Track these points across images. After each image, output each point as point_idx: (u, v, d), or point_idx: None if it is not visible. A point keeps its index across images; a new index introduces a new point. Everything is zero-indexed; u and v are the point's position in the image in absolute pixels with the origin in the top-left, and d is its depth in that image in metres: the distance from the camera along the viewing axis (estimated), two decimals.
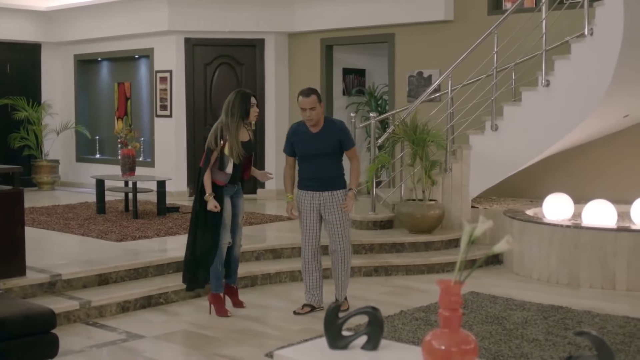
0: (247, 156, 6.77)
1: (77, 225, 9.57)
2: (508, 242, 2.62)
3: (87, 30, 14.03)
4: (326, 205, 6.53)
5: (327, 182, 6.53)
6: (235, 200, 6.79)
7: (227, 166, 6.61)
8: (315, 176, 6.53)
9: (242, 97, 6.62)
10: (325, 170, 6.52)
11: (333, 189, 6.53)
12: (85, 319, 6.47)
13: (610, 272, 7.60)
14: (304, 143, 6.54)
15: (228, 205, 6.67)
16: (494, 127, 9.07)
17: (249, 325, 6.39)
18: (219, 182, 6.63)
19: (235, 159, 6.56)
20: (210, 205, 6.53)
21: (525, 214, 8.63)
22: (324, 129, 6.52)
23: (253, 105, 6.64)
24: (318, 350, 3.02)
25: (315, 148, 6.49)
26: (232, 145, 6.52)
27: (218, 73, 13.00)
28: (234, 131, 6.53)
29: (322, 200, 6.54)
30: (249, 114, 6.62)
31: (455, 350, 2.56)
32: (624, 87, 8.25)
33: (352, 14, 11.92)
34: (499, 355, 5.43)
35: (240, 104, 6.57)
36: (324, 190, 6.52)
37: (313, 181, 6.54)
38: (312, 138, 6.50)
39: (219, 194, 6.61)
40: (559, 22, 9.01)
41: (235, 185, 6.75)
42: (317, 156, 6.50)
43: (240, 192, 6.87)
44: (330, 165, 6.53)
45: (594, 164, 9.93)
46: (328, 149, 6.49)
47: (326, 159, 6.51)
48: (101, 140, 14.83)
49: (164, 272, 7.53)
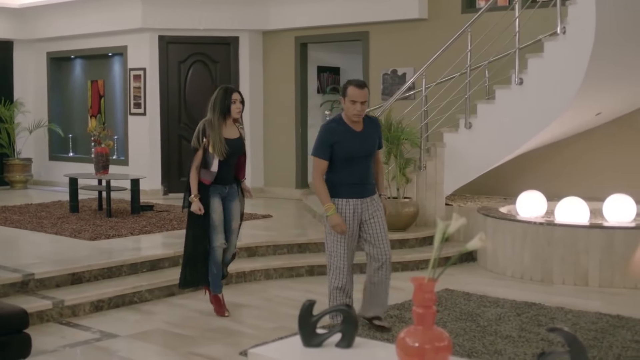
0: (239, 154, 6.58)
1: (50, 224, 9.50)
2: (481, 240, 2.63)
3: (60, 28, 13.92)
4: (369, 211, 5.81)
5: (369, 187, 5.85)
6: (227, 203, 6.55)
7: (212, 164, 6.40)
8: (361, 181, 5.78)
9: (224, 93, 6.47)
10: (369, 173, 5.84)
11: (372, 194, 5.87)
12: (58, 318, 6.42)
13: (583, 268, 7.66)
14: (349, 143, 5.71)
15: (217, 206, 6.46)
16: (468, 125, 9.11)
17: (223, 323, 6.38)
18: (205, 180, 6.44)
19: (218, 155, 6.34)
20: (194, 207, 6.36)
21: (498, 212, 8.67)
22: (365, 127, 5.79)
23: (235, 102, 6.45)
24: (292, 348, 3.02)
25: (361, 149, 5.74)
26: (214, 142, 6.33)
27: (192, 71, 12.96)
28: (217, 127, 6.35)
29: (364, 207, 5.80)
30: (230, 110, 6.44)
31: (429, 348, 2.57)
32: (596, 85, 8.31)
33: (327, 12, 11.92)
34: (473, 352, 5.46)
35: (221, 100, 6.43)
36: (365, 197, 5.80)
37: (358, 187, 5.78)
38: (357, 137, 5.74)
39: (205, 194, 6.42)
40: (532, 21, 9.06)
41: (226, 186, 6.51)
42: (362, 158, 5.76)
43: (235, 195, 6.60)
44: (370, 168, 5.86)
45: (567, 162, 10.00)
46: (372, 149, 5.83)
47: (369, 161, 5.83)
48: (74, 139, 14.73)
49: (138, 271, 7.50)
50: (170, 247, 8.09)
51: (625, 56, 8.25)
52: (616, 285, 7.50)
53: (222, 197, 6.51)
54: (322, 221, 6.32)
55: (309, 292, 7.11)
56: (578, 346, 2.54)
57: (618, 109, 9.37)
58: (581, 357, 2.54)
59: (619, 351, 5.48)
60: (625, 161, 9.63)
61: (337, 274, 5.89)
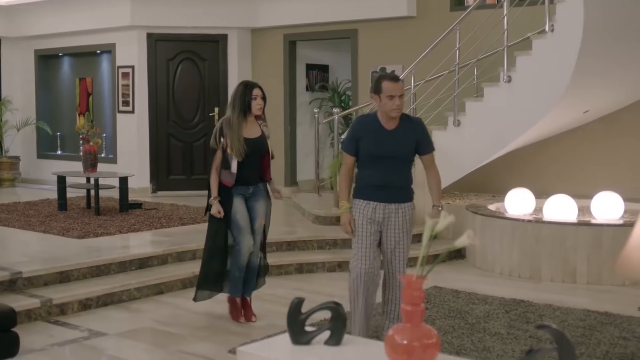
0: (263, 153, 6.23)
1: (39, 223, 9.46)
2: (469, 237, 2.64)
3: (48, 25, 13.86)
4: (390, 220, 5.30)
5: (396, 192, 5.30)
6: (251, 202, 6.22)
7: (232, 165, 6.06)
8: (386, 183, 5.25)
9: (244, 88, 6.09)
10: (397, 177, 5.30)
11: (400, 201, 5.31)
12: (46, 317, 6.40)
13: (571, 266, 7.69)
14: (376, 141, 5.24)
15: (239, 205, 6.12)
16: (457, 123, 9.12)
17: (212, 321, 6.37)
18: (226, 182, 6.11)
19: (236, 155, 6.00)
20: (213, 209, 6.10)
21: (487, 209, 8.69)
22: (400, 126, 5.25)
23: (256, 97, 6.06)
24: (281, 346, 3.02)
25: (389, 149, 5.22)
26: (232, 142, 5.98)
27: (181, 68, 12.93)
28: (235, 126, 5.99)
29: (387, 213, 5.29)
30: (251, 107, 6.06)
31: (417, 345, 2.58)
32: (584, 83, 8.33)
33: (315, 10, 11.92)
34: (462, 349, 5.47)
35: (241, 96, 6.05)
36: (391, 202, 5.29)
37: (382, 190, 5.27)
38: (387, 136, 5.23)
39: (226, 196, 6.11)
40: (520, 19, 9.08)
41: (249, 187, 6.18)
42: (390, 159, 5.25)
43: (260, 195, 6.26)
44: (403, 172, 5.34)
45: (555, 159, 10.04)
46: (404, 151, 5.26)
47: (399, 164, 5.30)
48: (62, 137, 14.67)
49: (127, 269, 7.48)
50: (159, 245, 8.07)
51: (613, 54, 8.28)
52: (604, 282, 7.54)
53: (246, 197, 6.21)
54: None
55: (298, 290, 7.11)
56: (566, 343, 2.55)
57: (606, 106, 9.41)
58: (569, 353, 2.54)
59: (606, 348, 5.50)
60: (613, 159, 9.67)
61: (358, 275, 5.34)
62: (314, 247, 8.56)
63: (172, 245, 8.09)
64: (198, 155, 12.93)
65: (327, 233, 8.78)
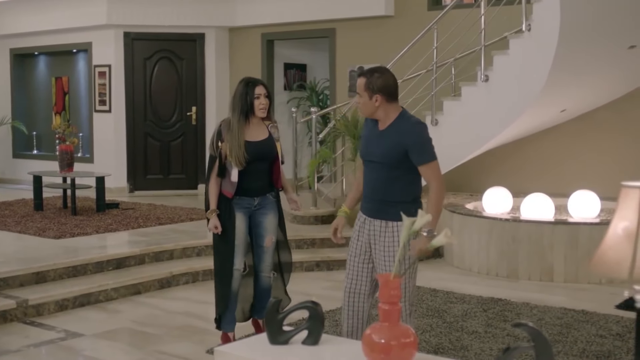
0: (271, 159, 5.46)
1: (14, 223, 9.39)
2: (446, 236, 2.64)
3: (24, 24, 13.75)
4: (377, 242, 4.45)
5: (382, 207, 4.42)
6: (258, 217, 5.46)
7: (231, 173, 5.33)
8: (371, 195, 4.48)
9: (245, 86, 5.35)
10: (382, 188, 4.42)
11: (388, 219, 4.40)
12: (22, 317, 6.35)
13: (548, 264, 7.72)
14: (366, 141, 4.56)
15: (239, 222, 5.38)
16: (434, 122, 9.13)
17: (190, 321, 6.35)
18: (227, 192, 5.38)
19: (236, 163, 5.26)
20: (210, 224, 5.36)
21: (465, 208, 8.72)
22: (392, 126, 4.42)
23: (259, 97, 5.33)
24: (259, 346, 3.01)
25: (373, 152, 4.47)
26: (231, 147, 5.26)
27: (158, 68, 12.87)
28: (236, 129, 5.27)
29: (373, 231, 4.47)
30: (254, 108, 5.36)
31: (394, 344, 2.58)
32: (561, 82, 8.37)
33: (293, 9, 11.90)
34: (440, 348, 5.48)
35: (242, 96, 5.33)
36: (375, 218, 4.46)
37: (368, 202, 4.52)
38: (376, 136, 4.47)
39: (226, 209, 5.39)
40: (497, 18, 9.11)
41: (255, 198, 5.42)
42: (373, 164, 4.47)
43: (270, 207, 5.47)
44: (390, 183, 4.41)
45: (532, 158, 10.09)
46: (388, 158, 4.38)
47: (386, 172, 4.40)
48: (38, 136, 14.57)
49: (104, 270, 7.44)
50: (136, 245, 8.03)
51: (589, 53, 8.32)
52: (581, 280, 7.58)
53: (251, 211, 5.45)
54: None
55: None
56: (543, 341, 2.56)
57: (582, 105, 9.46)
58: (546, 351, 2.55)
59: (583, 346, 5.53)
60: (589, 158, 9.73)
61: (343, 293, 4.62)
62: (292, 246, 8.45)
63: (150, 245, 8.05)
64: (175, 155, 12.88)
65: (306, 232, 8.77)
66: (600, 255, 2.51)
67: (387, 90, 4.37)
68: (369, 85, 4.37)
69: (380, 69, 4.46)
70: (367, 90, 4.37)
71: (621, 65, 8.81)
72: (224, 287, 5.44)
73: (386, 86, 4.38)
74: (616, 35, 8.17)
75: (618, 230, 2.48)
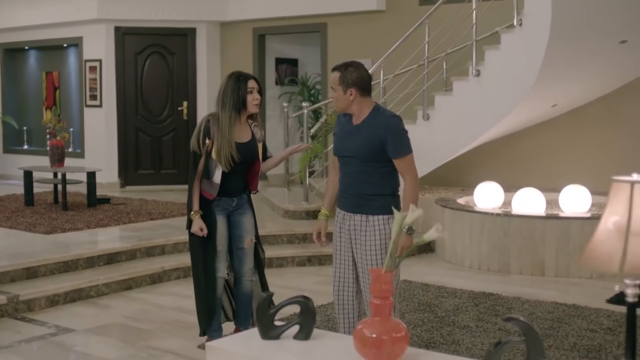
0: (253, 160, 5.20)
1: (5, 218, 9.36)
2: (437, 230, 2.64)
3: (14, 18, 13.69)
4: (359, 236, 4.47)
5: (360, 201, 4.46)
6: (235, 217, 5.25)
7: (214, 174, 5.05)
8: (346, 189, 4.52)
9: (237, 80, 5.02)
10: (360, 182, 4.46)
11: (369, 213, 4.45)
12: (13, 313, 6.33)
13: (540, 258, 7.74)
14: (340, 137, 4.58)
15: (221, 226, 5.16)
16: (426, 117, 9.13)
17: (181, 317, 6.34)
18: (207, 194, 5.11)
19: (223, 164, 5.00)
20: (194, 226, 5.08)
21: (456, 203, 8.72)
22: (367, 120, 4.45)
23: (252, 91, 5.02)
24: (250, 341, 3.00)
25: (347, 147, 4.49)
26: (220, 147, 4.97)
27: (149, 62, 12.84)
28: (226, 128, 4.96)
29: (354, 226, 4.49)
30: (247, 103, 5.04)
31: (386, 338, 2.57)
32: (552, 76, 8.38)
33: (284, 4, 11.89)
34: (431, 343, 5.49)
35: (233, 90, 4.98)
36: (355, 213, 4.48)
37: (344, 196, 4.54)
38: (351, 131, 4.49)
39: (208, 212, 5.13)
40: (488, 13, 9.11)
41: (233, 198, 5.20)
42: (351, 159, 4.48)
43: (246, 206, 5.29)
44: (367, 176, 4.45)
45: (524, 153, 10.10)
46: (363, 152, 4.41)
47: (362, 166, 4.44)
48: (29, 131, 14.52)
49: (95, 265, 7.42)
50: (128, 240, 8.01)
51: (580, 48, 8.33)
52: (572, 275, 7.60)
53: (229, 211, 5.24)
54: None
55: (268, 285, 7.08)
56: (534, 335, 2.56)
57: (574, 100, 9.48)
58: (537, 346, 2.55)
59: (574, 340, 5.55)
60: (580, 152, 9.75)
61: (332, 292, 4.66)
62: (283, 241, 8.55)
63: (141, 240, 8.04)
64: (167, 150, 12.86)
65: (297, 227, 8.77)
66: (591, 249, 2.51)
67: (361, 84, 4.42)
68: (343, 79, 4.41)
69: (354, 63, 4.50)
70: (341, 84, 4.42)
71: (612, 60, 8.83)
72: (208, 297, 5.19)
73: (360, 80, 4.42)
74: (607, 30, 8.18)
75: (609, 225, 2.49)
